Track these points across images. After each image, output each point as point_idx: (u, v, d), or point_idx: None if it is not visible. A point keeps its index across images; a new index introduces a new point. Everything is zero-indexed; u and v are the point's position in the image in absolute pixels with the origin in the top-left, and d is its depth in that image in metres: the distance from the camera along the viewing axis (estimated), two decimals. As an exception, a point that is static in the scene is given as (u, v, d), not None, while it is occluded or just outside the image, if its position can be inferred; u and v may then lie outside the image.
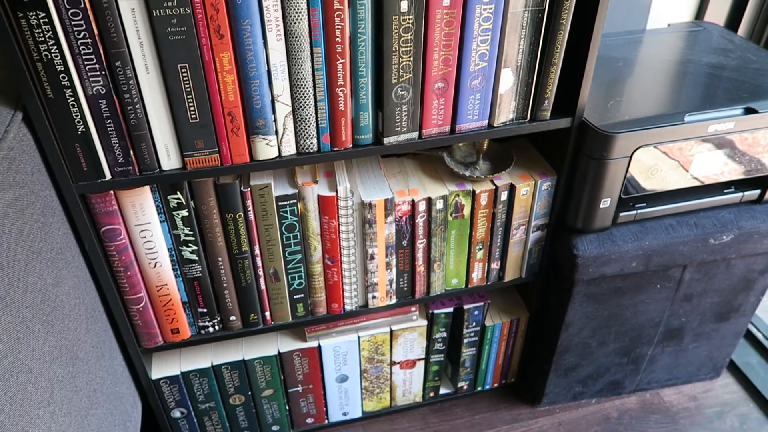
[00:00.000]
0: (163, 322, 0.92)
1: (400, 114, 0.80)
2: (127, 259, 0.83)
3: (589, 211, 0.94)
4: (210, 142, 0.75)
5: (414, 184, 0.94)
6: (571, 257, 0.97)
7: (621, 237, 0.97)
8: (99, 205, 0.77)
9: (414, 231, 0.94)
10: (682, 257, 1.00)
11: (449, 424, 1.22)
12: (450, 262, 1.00)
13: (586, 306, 1.05)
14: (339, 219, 0.89)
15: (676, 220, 0.99)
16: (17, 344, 0.57)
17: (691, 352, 1.21)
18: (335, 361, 1.09)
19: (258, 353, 1.03)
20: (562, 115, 0.88)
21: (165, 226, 0.83)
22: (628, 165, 0.90)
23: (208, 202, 0.82)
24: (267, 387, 1.08)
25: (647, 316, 1.10)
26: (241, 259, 0.88)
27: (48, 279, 0.66)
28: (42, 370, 0.61)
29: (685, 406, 1.24)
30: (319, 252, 0.92)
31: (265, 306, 0.95)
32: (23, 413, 0.56)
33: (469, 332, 1.13)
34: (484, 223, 0.97)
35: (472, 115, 0.83)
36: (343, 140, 0.80)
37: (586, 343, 1.12)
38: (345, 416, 1.20)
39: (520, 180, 0.95)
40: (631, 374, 1.22)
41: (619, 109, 0.92)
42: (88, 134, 0.70)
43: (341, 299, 0.98)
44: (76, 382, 0.71)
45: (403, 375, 1.17)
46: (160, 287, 0.88)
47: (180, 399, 1.04)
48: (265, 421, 1.14)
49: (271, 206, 0.84)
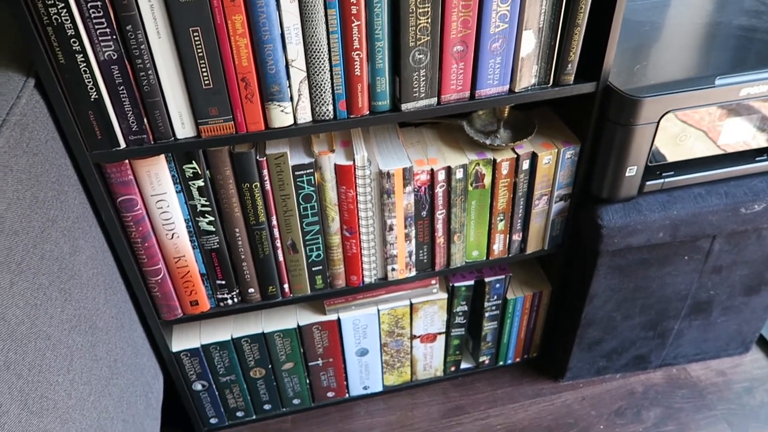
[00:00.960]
0: (182, 294, 0.92)
1: (418, 79, 0.77)
2: (144, 230, 0.83)
3: (614, 180, 0.91)
4: (224, 110, 0.74)
5: (433, 154, 0.91)
6: (595, 228, 0.94)
7: (647, 206, 0.94)
8: (115, 175, 0.77)
9: (433, 201, 0.92)
10: (712, 227, 0.97)
11: (470, 398, 1.21)
12: (470, 233, 0.98)
13: (610, 278, 1.02)
14: (357, 189, 0.87)
15: (705, 189, 0.96)
16: (34, 311, 0.56)
17: (720, 326, 1.18)
18: (355, 334, 1.08)
19: (277, 326, 1.03)
20: (586, 79, 0.85)
21: (181, 197, 0.82)
22: (655, 131, 0.87)
23: (224, 171, 0.81)
24: (287, 360, 1.08)
25: (674, 288, 1.07)
26: (259, 230, 0.87)
27: (65, 247, 0.66)
28: (60, 337, 0.61)
29: (713, 382, 1.21)
30: (336, 223, 0.90)
31: (284, 278, 0.94)
32: (42, 379, 0.56)
33: (490, 306, 1.12)
34: (505, 193, 0.95)
35: (493, 79, 0.81)
36: (360, 107, 0.78)
37: (610, 316, 1.09)
38: (366, 390, 1.20)
39: (543, 148, 0.92)
40: (657, 349, 1.19)
41: (645, 73, 0.88)
42: (101, 101, 0.69)
43: (360, 271, 0.97)
44: (95, 351, 0.71)
45: (424, 349, 1.16)
46: (177, 259, 0.87)
47: (201, 372, 1.04)
48: (285, 395, 1.14)
49: (288, 176, 0.83)
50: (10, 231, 0.54)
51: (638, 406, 1.17)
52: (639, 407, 1.17)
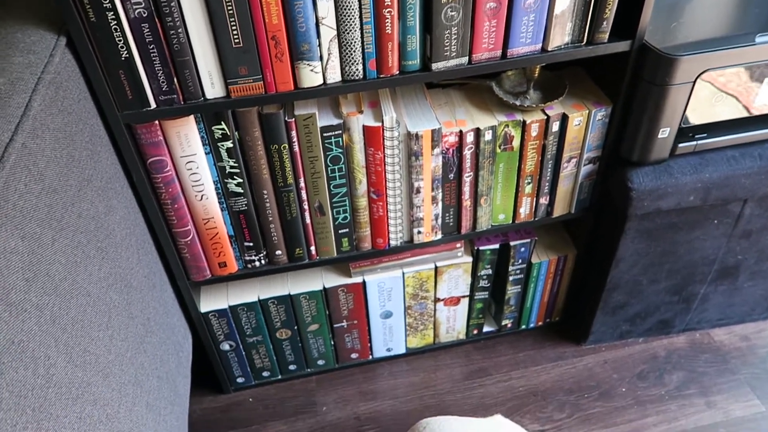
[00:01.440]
0: (210, 255, 0.93)
1: (449, 37, 0.76)
2: (174, 191, 0.83)
3: (646, 142, 0.90)
4: (254, 69, 0.73)
5: (461, 115, 0.90)
6: (625, 191, 0.93)
7: (679, 169, 0.93)
8: (145, 136, 0.77)
9: (461, 164, 0.91)
10: (744, 191, 0.95)
11: (493, 360, 1.22)
12: (497, 196, 0.98)
13: (638, 242, 1.01)
14: (384, 150, 0.86)
15: (738, 152, 0.94)
16: (75, 267, 0.57)
17: (746, 291, 1.17)
18: (380, 297, 1.09)
19: (303, 288, 1.04)
20: (621, 38, 0.83)
21: (210, 158, 0.82)
22: (690, 91, 0.84)
23: (253, 132, 0.80)
24: (312, 322, 1.09)
25: (702, 253, 1.06)
26: (286, 192, 0.87)
27: (100, 207, 0.67)
28: (99, 294, 0.62)
29: (737, 346, 1.21)
30: (364, 185, 0.90)
31: (311, 240, 0.95)
32: (84, 334, 0.57)
33: (514, 269, 1.12)
34: (533, 155, 0.93)
35: (525, 38, 0.79)
36: (390, 66, 0.77)
37: (636, 280, 1.09)
38: (389, 352, 1.21)
39: (573, 109, 0.90)
40: (682, 313, 1.19)
41: (682, 31, 0.86)
42: (131, 60, 0.69)
43: (386, 234, 0.97)
44: (131, 309, 0.72)
45: (447, 312, 1.17)
46: (206, 220, 0.88)
47: (228, 332, 1.06)
48: (311, 356, 1.16)
49: (316, 137, 0.83)
50: (49, 189, 0.54)
51: (661, 370, 1.18)
52: (661, 371, 1.18)
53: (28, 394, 0.46)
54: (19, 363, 0.45)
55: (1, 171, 0.47)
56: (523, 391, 1.16)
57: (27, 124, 0.52)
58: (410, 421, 1.10)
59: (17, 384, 0.44)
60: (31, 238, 0.50)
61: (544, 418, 1.12)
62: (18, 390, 0.44)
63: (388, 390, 1.18)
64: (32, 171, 0.52)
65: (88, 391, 0.56)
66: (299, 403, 1.16)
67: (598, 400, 1.14)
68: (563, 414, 1.12)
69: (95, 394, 0.58)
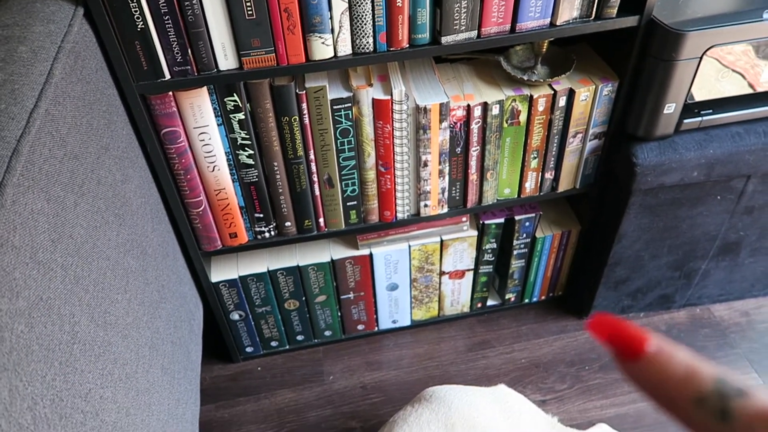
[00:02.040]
0: (221, 226, 0.95)
1: (459, 10, 0.77)
2: (187, 162, 0.85)
3: (651, 118, 0.91)
4: (266, 41, 0.74)
5: (469, 89, 0.91)
6: (629, 166, 0.94)
7: (683, 145, 0.94)
8: (159, 107, 0.78)
9: (468, 138, 0.93)
10: (747, 167, 0.96)
11: (496, 333, 1.24)
12: (503, 171, 0.99)
13: (641, 217, 1.03)
14: (393, 124, 0.88)
15: (743, 128, 0.95)
16: (95, 232, 0.59)
17: (747, 268, 1.19)
18: (386, 269, 1.11)
19: (312, 260, 1.06)
20: (629, 13, 0.84)
21: (222, 130, 0.84)
22: (697, 67, 0.85)
23: (264, 104, 0.82)
24: (320, 293, 1.12)
25: (704, 229, 1.08)
26: (296, 164, 0.89)
27: (117, 175, 0.68)
28: (118, 259, 0.64)
29: (736, 321, 1.23)
30: (372, 158, 0.92)
31: (319, 212, 0.97)
32: (104, 296, 0.59)
33: (519, 244, 1.13)
34: (540, 130, 0.95)
35: (534, 12, 0.80)
36: (400, 39, 0.78)
37: (638, 255, 1.11)
38: (394, 324, 1.24)
39: (580, 85, 0.91)
40: (683, 289, 1.21)
41: (689, 7, 0.86)
42: (147, 31, 0.70)
43: (393, 207, 0.99)
44: (146, 275, 0.74)
45: (452, 285, 1.19)
46: (218, 191, 0.90)
47: (238, 302, 1.08)
48: (318, 326, 1.19)
49: (326, 110, 0.84)
50: (71, 155, 0.56)
51: (661, 344, 1.20)
52: (661, 344, 1.20)
53: (56, 348, 0.48)
54: (47, 319, 0.47)
55: (27, 135, 0.49)
56: (526, 363, 1.19)
57: (49, 92, 0.54)
58: (415, 390, 1.12)
59: (46, 338, 0.47)
60: (56, 201, 0.52)
61: (545, 388, 1.14)
62: (47, 344, 0.47)
63: (393, 360, 1.21)
64: (55, 137, 0.54)
65: (108, 350, 0.59)
66: (306, 372, 1.19)
67: (598, 372, 1.16)
68: (564, 385, 1.15)
69: (115, 353, 0.60)
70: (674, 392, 0.18)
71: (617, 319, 0.20)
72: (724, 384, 0.17)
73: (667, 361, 0.18)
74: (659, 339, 0.19)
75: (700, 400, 0.17)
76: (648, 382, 0.18)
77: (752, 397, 0.17)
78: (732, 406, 0.17)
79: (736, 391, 0.17)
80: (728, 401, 0.17)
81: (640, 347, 0.18)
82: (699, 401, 0.17)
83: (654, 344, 0.18)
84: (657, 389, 0.18)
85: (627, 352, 0.19)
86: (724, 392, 0.17)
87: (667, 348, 0.18)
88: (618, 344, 0.19)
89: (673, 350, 0.18)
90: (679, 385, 0.18)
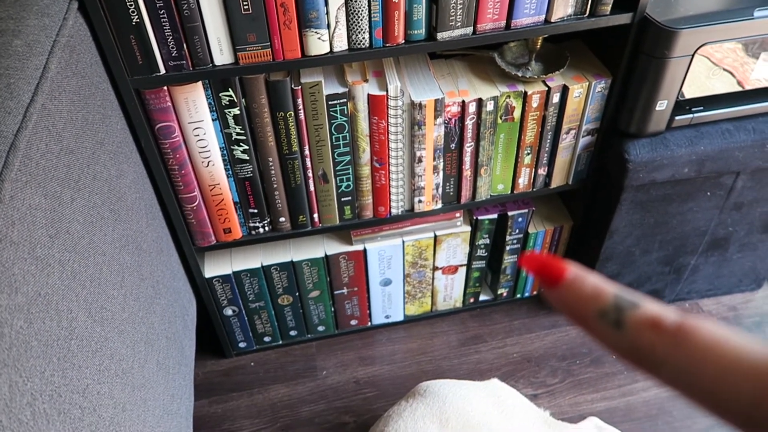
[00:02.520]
0: (215, 221, 0.94)
1: (455, 6, 0.77)
2: (182, 157, 0.84)
3: (644, 115, 0.92)
4: (262, 36, 0.74)
5: (464, 86, 0.92)
6: (621, 162, 0.95)
7: (675, 142, 0.95)
8: (153, 102, 0.78)
9: (463, 134, 0.93)
10: (737, 163, 0.98)
11: (488, 328, 1.25)
12: (497, 166, 1.00)
13: (632, 213, 1.04)
14: (388, 119, 0.88)
15: (733, 125, 0.96)
16: (91, 227, 0.59)
17: (735, 263, 1.20)
18: (380, 264, 1.11)
19: (306, 255, 1.06)
20: (623, 10, 0.84)
21: (217, 125, 0.83)
22: (689, 65, 0.86)
23: (259, 99, 0.82)
24: (314, 288, 1.12)
25: (694, 224, 1.09)
26: (291, 159, 0.89)
27: (112, 170, 0.68)
28: (113, 254, 0.64)
29: (724, 316, 1.25)
30: (367, 154, 0.92)
31: (314, 208, 0.97)
32: (101, 292, 0.59)
33: (511, 239, 1.14)
34: (533, 126, 0.95)
35: (529, 9, 0.80)
36: (396, 35, 0.78)
37: (629, 251, 1.12)
38: (387, 319, 1.24)
39: (574, 81, 0.92)
40: (672, 284, 1.22)
41: (682, 5, 0.87)
42: (142, 25, 0.69)
43: (388, 203, 0.99)
44: (141, 271, 0.74)
45: (445, 280, 1.20)
46: (212, 186, 0.89)
47: (232, 297, 1.08)
48: (311, 322, 1.19)
49: (321, 105, 0.84)
50: (67, 150, 0.56)
51: (650, 338, 1.22)
52: (651, 339, 1.21)
53: (54, 344, 0.48)
54: (45, 314, 0.47)
55: (24, 130, 0.48)
56: (518, 357, 1.20)
57: (45, 86, 0.54)
58: (408, 385, 1.13)
59: (44, 334, 0.46)
60: (53, 196, 0.51)
61: (537, 382, 1.15)
62: (45, 339, 0.46)
63: (386, 355, 1.21)
64: (51, 132, 0.53)
65: (105, 346, 0.58)
66: (299, 368, 1.19)
67: (589, 366, 1.18)
68: (556, 379, 1.16)
69: (112, 349, 0.60)
70: (583, 309, 0.20)
71: (543, 254, 0.23)
72: (620, 298, 0.20)
73: (579, 284, 0.21)
74: (576, 267, 0.21)
75: (602, 313, 0.20)
76: (565, 303, 0.21)
77: (642, 308, 0.19)
78: (625, 316, 0.19)
79: (630, 304, 0.20)
80: (623, 312, 0.19)
81: (560, 275, 0.21)
82: (601, 314, 0.20)
83: (571, 272, 0.21)
84: (572, 309, 0.21)
85: (550, 280, 0.21)
86: (620, 305, 0.20)
87: (581, 273, 0.21)
88: (543, 274, 0.22)
89: (585, 275, 0.21)
90: (588, 302, 0.20)
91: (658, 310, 0.19)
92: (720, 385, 0.17)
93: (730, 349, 0.18)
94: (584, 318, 0.20)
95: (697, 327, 0.18)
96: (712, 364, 0.18)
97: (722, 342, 0.18)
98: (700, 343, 0.18)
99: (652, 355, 0.19)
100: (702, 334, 0.18)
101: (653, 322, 0.19)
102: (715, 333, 0.18)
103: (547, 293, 0.22)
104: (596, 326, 0.20)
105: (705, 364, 0.18)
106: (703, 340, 0.18)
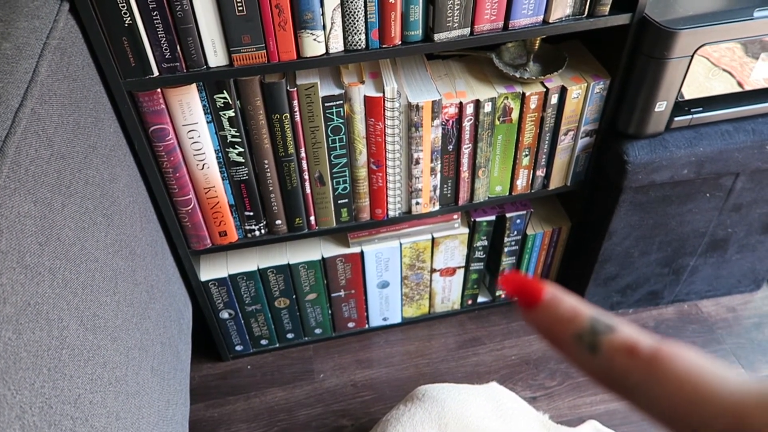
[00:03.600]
0: (211, 224, 0.93)
1: (452, 7, 0.76)
2: (176, 160, 0.83)
3: (643, 116, 0.91)
4: (257, 37, 0.73)
5: (461, 87, 0.91)
6: (620, 163, 0.95)
7: (674, 143, 0.94)
8: (147, 104, 0.77)
9: (460, 135, 0.92)
10: (736, 164, 0.97)
11: (486, 330, 1.25)
12: (495, 168, 0.99)
13: (631, 215, 1.03)
14: (385, 121, 0.87)
15: (732, 126, 0.95)
16: (83, 233, 0.58)
17: (734, 264, 1.20)
18: (377, 267, 1.11)
19: (302, 258, 1.05)
20: (622, 11, 0.83)
21: (212, 127, 0.82)
22: (688, 65, 0.85)
23: (255, 102, 0.81)
24: (311, 291, 1.11)
25: (693, 225, 1.08)
26: (287, 161, 0.88)
27: (105, 174, 0.67)
28: (106, 260, 0.63)
29: (723, 317, 1.25)
30: (364, 156, 0.91)
31: (310, 210, 0.96)
32: (93, 299, 0.58)
33: (510, 241, 1.13)
34: (532, 128, 0.94)
35: (527, 9, 0.79)
36: (392, 36, 0.77)
37: (628, 252, 1.11)
38: (385, 321, 1.23)
39: (572, 82, 0.91)
40: (671, 285, 1.21)
41: (681, 5, 0.87)
42: (134, 27, 0.68)
43: (385, 205, 0.98)
44: (135, 276, 0.73)
45: (443, 282, 1.19)
46: (208, 189, 0.88)
47: (228, 300, 1.07)
48: (308, 324, 1.18)
49: (318, 107, 0.83)
50: (58, 155, 0.55)
51: (649, 340, 1.21)
52: (650, 340, 1.21)
53: (44, 355, 0.47)
54: (35, 324, 0.46)
55: (13, 136, 0.47)
56: (516, 360, 1.19)
57: (35, 90, 0.53)
58: (406, 388, 1.12)
59: (34, 344, 0.45)
60: (43, 203, 0.50)
61: (535, 385, 1.15)
62: (35, 350, 0.45)
63: (383, 358, 1.20)
64: (41, 137, 0.52)
65: (98, 354, 0.57)
66: (297, 371, 1.18)
67: (588, 368, 1.17)
68: (554, 381, 1.15)
69: (105, 357, 0.59)
70: (560, 332, 0.20)
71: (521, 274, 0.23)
72: (597, 322, 0.20)
73: (556, 306, 0.21)
74: (554, 289, 0.21)
75: (578, 337, 0.20)
76: (542, 325, 0.21)
77: (618, 332, 0.19)
78: (601, 340, 0.19)
79: (606, 328, 0.19)
80: (599, 336, 0.19)
81: (537, 296, 0.21)
82: (577, 337, 0.20)
83: (548, 293, 0.21)
84: (548, 330, 0.21)
85: (528, 300, 0.21)
86: (596, 329, 0.20)
87: (559, 295, 0.21)
88: (521, 294, 0.21)
89: (562, 297, 0.21)
90: (564, 324, 0.20)
91: (635, 335, 0.19)
92: (692, 417, 0.17)
93: (705, 381, 0.17)
94: (560, 340, 0.20)
95: (672, 355, 0.18)
96: (686, 394, 0.17)
97: (697, 372, 0.18)
98: (675, 372, 0.18)
99: (626, 380, 0.19)
100: (677, 363, 0.18)
101: (628, 348, 0.19)
102: (691, 362, 0.18)
103: (524, 314, 0.21)
104: (571, 349, 0.20)
105: (679, 394, 0.17)
106: (678, 370, 0.18)
